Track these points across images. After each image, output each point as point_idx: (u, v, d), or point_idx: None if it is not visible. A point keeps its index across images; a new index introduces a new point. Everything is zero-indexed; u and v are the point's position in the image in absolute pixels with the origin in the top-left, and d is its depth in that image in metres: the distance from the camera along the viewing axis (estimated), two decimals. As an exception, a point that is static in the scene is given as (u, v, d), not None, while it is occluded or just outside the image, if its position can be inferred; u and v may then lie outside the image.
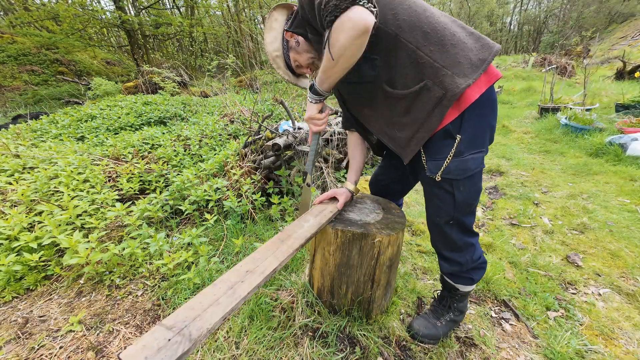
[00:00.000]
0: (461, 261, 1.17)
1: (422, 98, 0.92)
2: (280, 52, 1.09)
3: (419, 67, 0.89)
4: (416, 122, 0.96)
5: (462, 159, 0.96)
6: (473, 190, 1.03)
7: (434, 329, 1.34)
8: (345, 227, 1.16)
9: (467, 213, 1.07)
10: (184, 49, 19.82)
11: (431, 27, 0.88)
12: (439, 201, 1.07)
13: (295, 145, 2.39)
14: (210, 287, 0.77)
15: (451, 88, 0.87)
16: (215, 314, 0.67)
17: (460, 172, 0.97)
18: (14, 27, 14.92)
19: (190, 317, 0.65)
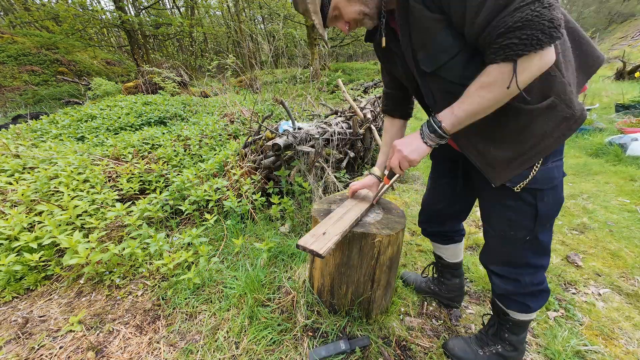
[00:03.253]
0: (519, 280, 1.01)
1: (546, 116, 0.78)
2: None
3: (548, 81, 0.75)
4: (527, 141, 0.82)
5: (546, 168, 0.86)
6: (556, 200, 0.92)
7: (471, 356, 1.19)
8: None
9: (546, 228, 0.95)
10: (184, 49, 19.82)
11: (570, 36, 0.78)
12: (515, 215, 0.93)
13: (295, 145, 2.39)
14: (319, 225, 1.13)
15: (578, 109, 0.77)
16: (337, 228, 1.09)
17: (547, 181, 0.87)
18: (14, 27, 14.93)
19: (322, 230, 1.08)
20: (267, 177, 2.50)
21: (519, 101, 0.78)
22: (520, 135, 0.82)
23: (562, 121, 0.78)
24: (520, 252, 0.99)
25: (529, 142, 0.82)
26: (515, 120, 0.81)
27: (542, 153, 0.82)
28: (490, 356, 1.16)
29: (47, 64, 13.39)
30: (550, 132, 0.79)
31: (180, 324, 1.39)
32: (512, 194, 0.89)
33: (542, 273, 1.02)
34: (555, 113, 0.78)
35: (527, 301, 1.04)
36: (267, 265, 1.73)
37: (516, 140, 0.83)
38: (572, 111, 0.77)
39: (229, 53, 7.37)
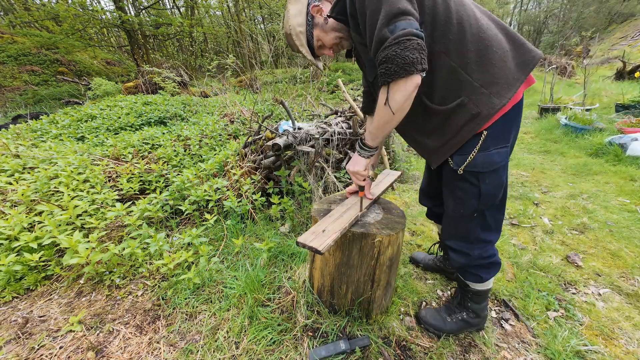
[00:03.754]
0: (470, 253, 1.16)
1: (457, 113, 0.95)
2: (304, 29, 1.05)
3: (459, 84, 0.92)
4: (447, 133, 1.00)
5: (487, 153, 0.98)
6: (497, 182, 1.04)
7: (440, 322, 1.34)
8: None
9: (490, 206, 1.09)
10: (184, 49, 19.81)
11: (477, 46, 0.90)
12: (463, 193, 1.08)
13: (295, 145, 2.39)
14: (318, 223, 1.14)
15: (486, 108, 0.91)
16: (337, 226, 1.11)
17: (486, 165, 1.00)
18: (14, 27, 14.92)
19: (322, 227, 1.10)
20: (267, 177, 2.50)
21: (432, 103, 0.98)
22: (441, 128, 1.01)
23: (470, 117, 0.94)
24: (471, 227, 1.13)
25: (449, 133, 1.00)
26: (435, 117, 1.00)
27: (459, 142, 0.99)
28: (456, 322, 1.33)
29: (47, 64, 13.38)
30: (462, 125, 0.96)
31: (180, 324, 1.39)
32: (459, 175, 1.04)
33: (490, 247, 1.17)
34: (464, 110, 0.94)
35: (480, 272, 1.20)
36: (267, 265, 1.73)
37: (440, 132, 1.02)
38: (478, 109, 0.92)
39: (229, 53, 7.38)
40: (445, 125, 0.99)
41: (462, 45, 0.89)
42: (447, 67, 0.91)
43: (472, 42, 0.89)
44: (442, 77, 0.93)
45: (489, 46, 0.89)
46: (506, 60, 0.91)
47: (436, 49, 0.90)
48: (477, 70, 0.90)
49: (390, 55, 0.79)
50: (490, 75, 0.90)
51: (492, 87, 0.91)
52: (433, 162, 1.11)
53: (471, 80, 0.91)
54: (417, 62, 0.79)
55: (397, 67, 0.80)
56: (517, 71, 0.91)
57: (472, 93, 0.92)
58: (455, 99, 0.94)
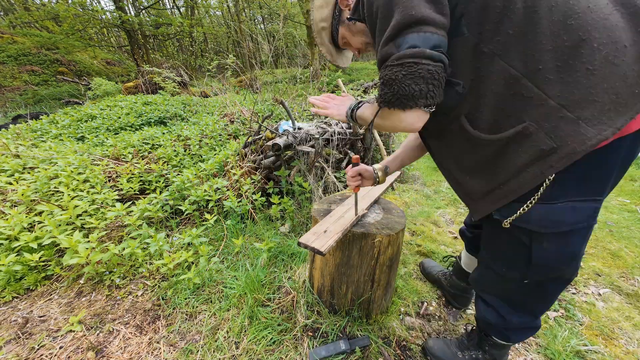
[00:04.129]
0: (506, 318, 0.91)
1: (517, 147, 0.65)
2: (329, 23, 0.88)
3: (522, 103, 0.62)
4: (500, 175, 0.70)
5: (551, 207, 0.67)
6: (564, 252, 0.72)
7: (450, 357, 1.15)
8: (345, 227, 1.16)
9: (550, 279, 0.79)
10: (184, 49, 19.82)
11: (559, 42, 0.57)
12: (509, 251, 0.80)
13: (295, 145, 2.39)
14: (319, 223, 1.15)
15: (569, 141, 0.59)
16: (338, 226, 1.11)
17: (548, 224, 0.68)
18: (14, 27, 14.92)
19: (323, 227, 1.10)
20: (267, 177, 2.50)
21: (477, 130, 0.69)
22: (489, 165, 0.71)
23: (539, 155, 0.62)
24: (518, 293, 0.87)
25: (502, 175, 0.69)
26: (481, 150, 0.71)
27: (518, 191, 0.68)
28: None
29: (47, 64, 13.39)
30: (524, 167, 0.65)
31: (180, 324, 1.39)
32: (508, 228, 0.75)
33: (535, 320, 0.92)
34: (528, 143, 0.63)
35: (509, 334, 0.96)
36: (267, 265, 1.73)
37: (487, 171, 0.72)
38: (553, 143, 0.60)
39: (229, 53, 7.38)
40: (498, 162, 0.69)
41: (532, 42, 0.59)
42: (504, 76, 0.62)
43: (550, 34, 0.57)
44: (494, 92, 0.64)
45: (586, 40, 0.56)
46: (619, 64, 0.55)
47: (486, 49, 0.63)
48: (556, 81, 0.58)
49: (389, 78, 0.62)
50: (582, 89, 0.57)
51: (584, 109, 0.57)
52: (476, 211, 0.80)
53: (544, 97, 0.59)
54: (420, 97, 0.61)
55: (393, 95, 0.63)
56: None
57: (545, 117, 0.60)
58: (515, 124, 0.63)
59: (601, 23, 0.56)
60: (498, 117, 0.66)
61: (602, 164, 0.63)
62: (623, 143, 0.61)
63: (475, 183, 0.77)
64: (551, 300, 0.87)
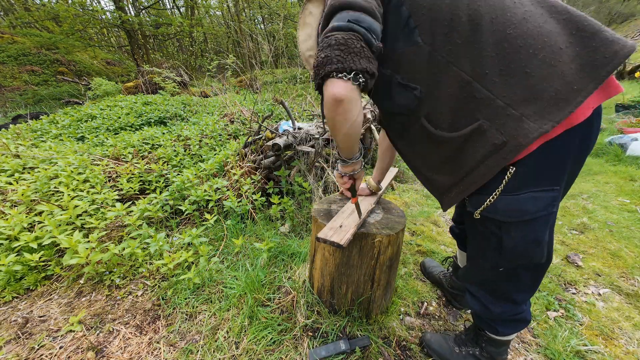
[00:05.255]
0: (490, 308, 0.96)
1: (474, 142, 0.71)
2: (314, 52, 0.92)
3: (474, 104, 0.69)
4: (461, 170, 0.77)
5: (515, 197, 0.72)
6: (530, 239, 0.77)
7: (447, 352, 1.17)
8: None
9: (522, 266, 0.85)
10: (184, 49, 19.82)
11: (500, 49, 0.65)
12: (483, 241, 0.86)
13: (295, 145, 2.39)
14: (334, 219, 1.18)
15: (516, 135, 0.65)
16: (352, 220, 1.15)
17: (512, 213, 0.74)
18: (14, 28, 14.92)
19: (338, 223, 1.14)
20: (267, 177, 2.50)
21: (438, 129, 0.75)
22: (452, 162, 0.78)
23: (492, 149, 0.69)
24: (499, 283, 0.93)
25: (463, 169, 0.76)
26: (443, 147, 0.77)
27: (478, 182, 0.74)
28: (466, 356, 1.14)
29: (47, 64, 13.38)
30: (481, 160, 0.71)
31: (180, 324, 1.39)
32: (480, 220, 0.82)
33: (517, 308, 0.95)
34: (484, 139, 0.69)
35: (498, 326, 1.00)
36: (267, 265, 1.73)
37: (451, 167, 0.79)
38: (503, 138, 0.66)
39: (229, 53, 7.38)
40: (458, 157, 0.75)
41: (478, 50, 0.66)
42: (457, 80, 0.69)
43: (492, 43, 0.65)
44: (449, 95, 0.71)
45: (523, 47, 0.64)
46: (556, 64, 0.63)
47: (439, 57, 0.69)
48: (501, 83, 0.65)
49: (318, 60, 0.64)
50: (523, 89, 0.64)
51: (526, 107, 0.64)
52: (444, 204, 0.87)
53: (492, 97, 0.66)
54: (327, 62, 0.62)
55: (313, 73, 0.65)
56: (580, 78, 0.62)
57: (494, 115, 0.67)
58: (470, 123, 0.70)
59: (536, 31, 0.64)
60: (455, 117, 0.72)
61: (554, 156, 0.69)
62: (571, 136, 0.67)
63: (441, 178, 0.84)
64: (527, 287, 0.91)
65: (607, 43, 0.61)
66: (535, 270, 0.87)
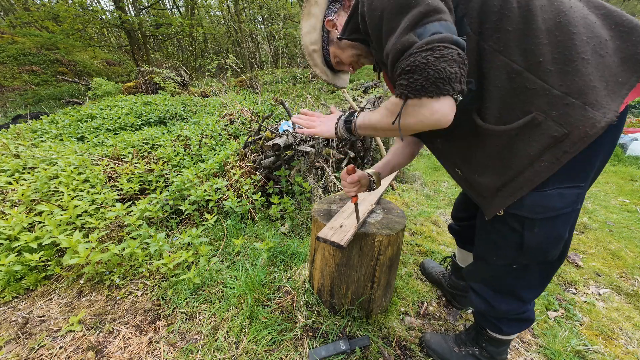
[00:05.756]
0: (495, 306, 0.95)
1: (526, 137, 0.68)
2: (319, 46, 0.90)
3: (527, 95, 0.66)
4: (509, 168, 0.72)
5: (542, 193, 0.71)
6: (552, 236, 0.76)
7: (446, 351, 1.17)
8: (345, 227, 1.16)
9: (538, 262, 0.84)
10: (184, 49, 19.83)
11: (553, 37, 0.63)
12: (499, 239, 0.84)
13: (295, 145, 2.39)
14: (334, 218, 1.19)
15: (580, 125, 0.62)
16: (352, 220, 1.16)
17: (538, 210, 0.73)
18: (14, 28, 14.92)
19: (339, 222, 1.15)
20: (267, 177, 2.50)
21: (483, 120, 0.71)
22: (500, 159, 0.73)
23: (550, 142, 0.65)
24: (506, 280, 0.91)
25: (513, 168, 0.71)
26: (490, 142, 0.73)
27: (534, 180, 0.70)
28: (465, 356, 1.14)
29: (47, 64, 13.39)
30: (537, 156, 0.68)
31: (180, 324, 1.39)
32: (499, 217, 0.80)
33: (522, 306, 0.94)
34: (539, 132, 0.66)
35: (501, 325, 0.99)
36: (267, 265, 1.73)
37: (497, 166, 0.74)
38: (564, 129, 0.63)
39: (229, 53, 7.38)
40: (508, 155, 0.71)
41: (529, 38, 0.64)
42: (506, 70, 0.66)
43: (545, 30, 0.63)
44: (497, 86, 0.68)
45: (576, 33, 0.62)
46: (604, 55, 0.62)
47: (487, 46, 0.67)
48: (556, 72, 0.63)
49: (418, 64, 0.57)
50: (582, 77, 0.62)
51: (587, 95, 0.62)
52: (489, 209, 0.80)
53: (547, 87, 0.63)
54: (456, 80, 0.57)
55: (427, 80, 0.57)
56: (622, 70, 0.62)
57: (551, 106, 0.64)
58: (522, 116, 0.67)
59: (584, 20, 0.64)
60: (504, 110, 0.69)
61: (586, 152, 0.66)
62: (606, 132, 0.64)
63: (486, 180, 0.78)
64: (536, 284, 0.90)
65: None
66: (546, 267, 0.86)
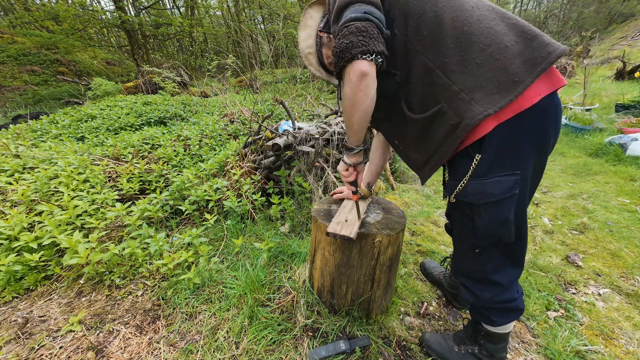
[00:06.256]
0: (478, 295, 1.02)
1: (436, 123, 0.84)
2: (314, 49, 1.06)
3: (437, 89, 0.81)
4: (429, 147, 0.90)
5: (481, 182, 0.83)
6: (498, 219, 0.86)
7: (446, 350, 1.20)
8: (345, 227, 1.16)
9: (493, 244, 0.92)
10: (184, 49, 19.82)
11: (458, 42, 0.77)
12: (460, 224, 0.98)
13: (295, 145, 2.39)
14: (338, 213, 1.23)
15: (466, 117, 0.77)
16: (355, 215, 1.19)
17: (480, 196, 0.84)
18: (14, 27, 14.93)
19: (343, 217, 1.19)
20: (267, 177, 2.50)
21: (410, 111, 0.89)
22: (423, 140, 0.91)
23: (450, 128, 0.81)
24: (475, 265, 0.99)
25: (432, 146, 0.89)
26: (414, 127, 0.91)
27: (443, 157, 0.87)
28: (465, 354, 1.16)
29: (47, 64, 13.39)
30: (444, 138, 0.84)
31: (180, 324, 1.39)
32: (456, 205, 0.93)
33: (504, 291, 0.98)
34: (444, 120, 0.82)
35: (491, 315, 1.03)
36: (267, 265, 1.73)
37: (423, 145, 0.92)
38: (458, 119, 0.79)
39: (229, 53, 7.38)
40: (427, 137, 0.89)
41: (440, 41, 0.78)
42: (424, 67, 0.81)
43: (452, 37, 0.77)
44: (419, 80, 0.84)
45: (475, 42, 0.76)
46: (501, 59, 0.75)
47: (411, 47, 0.82)
48: (458, 72, 0.78)
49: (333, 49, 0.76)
50: (474, 78, 0.76)
51: (475, 92, 0.76)
52: (422, 178, 1.02)
53: (450, 84, 0.79)
54: (352, 47, 0.71)
55: (336, 56, 0.75)
56: (521, 71, 0.74)
57: (451, 99, 0.79)
58: (434, 105, 0.83)
59: (487, 31, 0.77)
60: (423, 100, 0.85)
61: (511, 142, 0.79)
62: (523, 120, 0.76)
63: (416, 156, 0.99)
64: (504, 265, 0.96)
65: (543, 45, 0.74)
66: (506, 248, 0.94)
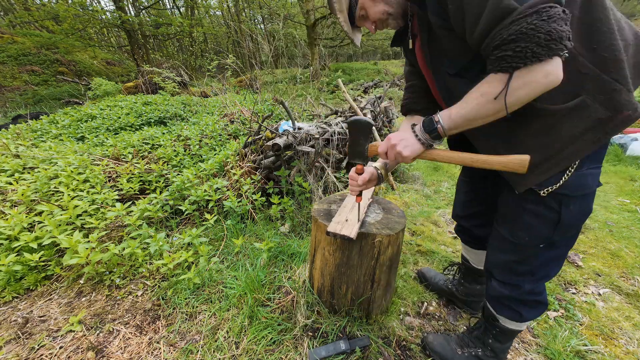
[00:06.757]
0: (521, 286, 0.96)
1: (573, 118, 0.72)
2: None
3: (579, 79, 0.70)
4: (551, 147, 0.76)
5: (581, 173, 0.78)
6: (584, 211, 0.85)
7: (449, 353, 1.17)
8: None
9: (568, 237, 0.89)
10: (184, 49, 19.83)
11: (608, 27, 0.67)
12: (534, 220, 0.87)
13: (295, 145, 2.39)
14: (338, 213, 1.23)
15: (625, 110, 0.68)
16: (355, 215, 1.19)
17: (578, 188, 0.79)
18: (14, 27, 14.93)
19: (344, 217, 1.18)
20: (267, 177, 2.50)
21: (540, 101, 0.72)
22: (544, 138, 0.76)
23: (595, 123, 0.71)
24: (530, 259, 0.93)
25: (555, 146, 0.75)
26: (538, 121, 0.76)
27: (571, 158, 0.75)
28: (468, 357, 1.14)
29: (47, 64, 13.38)
30: (579, 135, 0.72)
31: (180, 324, 1.39)
32: (535, 198, 0.84)
33: (543, 282, 0.97)
34: (585, 114, 0.71)
35: (521, 309, 1.00)
36: (267, 265, 1.73)
37: (540, 144, 0.77)
38: (609, 113, 0.69)
39: (229, 53, 7.38)
40: (551, 133, 0.75)
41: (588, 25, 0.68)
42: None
43: (602, 20, 0.67)
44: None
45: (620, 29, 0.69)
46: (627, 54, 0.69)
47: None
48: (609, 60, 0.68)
49: (525, 30, 0.58)
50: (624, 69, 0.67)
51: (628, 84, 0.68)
52: (521, 185, 0.83)
53: (598, 73, 0.68)
54: (566, 37, 0.58)
55: (538, 45, 0.58)
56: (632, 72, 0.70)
57: (600, 90, 0.69)
58: (572, 98, 0.71)
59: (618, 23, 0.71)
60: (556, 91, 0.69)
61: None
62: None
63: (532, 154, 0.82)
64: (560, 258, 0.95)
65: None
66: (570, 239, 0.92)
